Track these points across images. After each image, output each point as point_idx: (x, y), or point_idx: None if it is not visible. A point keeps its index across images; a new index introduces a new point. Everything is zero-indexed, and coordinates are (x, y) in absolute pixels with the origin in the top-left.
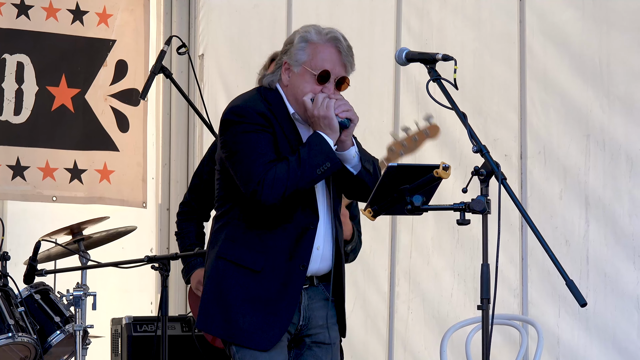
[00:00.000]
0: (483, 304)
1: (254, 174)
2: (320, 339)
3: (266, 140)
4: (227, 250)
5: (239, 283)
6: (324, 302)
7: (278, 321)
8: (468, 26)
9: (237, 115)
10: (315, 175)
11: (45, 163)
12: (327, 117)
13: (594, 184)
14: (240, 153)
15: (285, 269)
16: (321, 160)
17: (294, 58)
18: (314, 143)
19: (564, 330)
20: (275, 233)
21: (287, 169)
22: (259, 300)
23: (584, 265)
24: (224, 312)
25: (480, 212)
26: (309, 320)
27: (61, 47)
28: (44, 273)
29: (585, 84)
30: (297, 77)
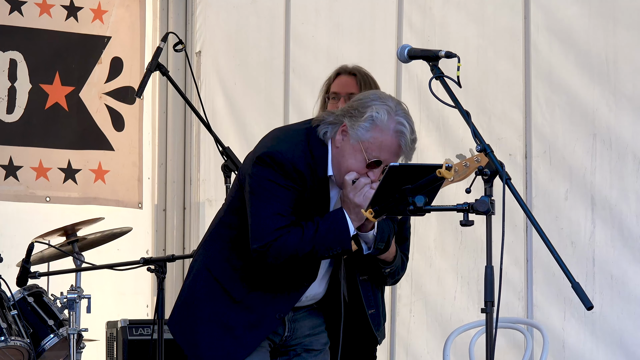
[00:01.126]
0: (487, 307)
1: (266, 234)
2: (309, 346)
3: (291, 199)
4: (216, 266)
5: (213, 305)
6: (309, 312)
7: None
8: (471, 22)
9: (275, 164)
10: (323, 255)
11: (39, 163)
12: (359, 205)
13: (600, 184)
14: (261, 201)
15: (261, 311)
16: (335, 244)
17: (355, 130)
18: (335, 223)
19: (569, 334)
20: (266, 276)
21: (299, 241)
22: (228, 328)
23: (590, 267)
24: (190, 326)
25: (484, 213)
26: (294, 331)
27: (55, 44)
28: (38, 275)
29: (592, 82)
30: (350, 148)
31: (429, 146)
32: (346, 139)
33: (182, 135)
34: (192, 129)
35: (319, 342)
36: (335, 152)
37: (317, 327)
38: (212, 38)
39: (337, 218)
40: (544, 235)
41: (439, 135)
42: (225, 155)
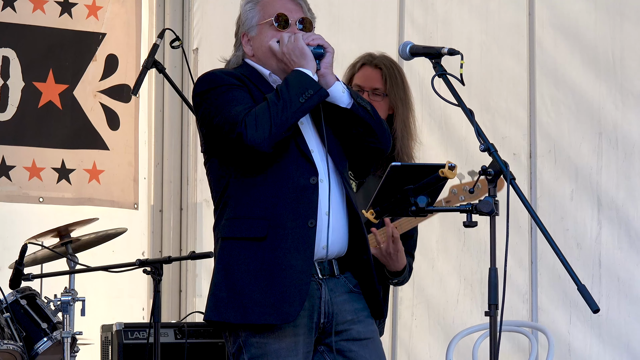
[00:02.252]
0: (491, 310)
1: (234, 118)
2: (353, 335)
3: (242, 94)
4: (227, 229)
5: (245, 258)
6: (348, 295)
7: (293, 292)
8: (475, 18)
9: (205, 82)
10: (299, 104)
11: (32, 162)
12: (296, 47)
13: (606, 184)
14: (217, 114)
15: (291, 229)
16: (302, 89)
17: (248, 24)
18: (290, 77)
19: (575, 338)
20: (272, 195)
21: (267, 105)
22: (269, 270)
23: (596, 269)
24: (232, 292)
25: (487, 214)
26: (333, 316)
27: (48, 40)
28: (31, 277)
29: (598, 79)
30: (258, 38)
31: (431, 145)
32: (252, 40)
33: (178, 134)
34: (189, 127)
35: (367, 329)
36: (256, 59)
37: (361, 312)
38: (210, 34)
39: (290, 74)
40: (549, 237)
41: (442, 134)
42: None
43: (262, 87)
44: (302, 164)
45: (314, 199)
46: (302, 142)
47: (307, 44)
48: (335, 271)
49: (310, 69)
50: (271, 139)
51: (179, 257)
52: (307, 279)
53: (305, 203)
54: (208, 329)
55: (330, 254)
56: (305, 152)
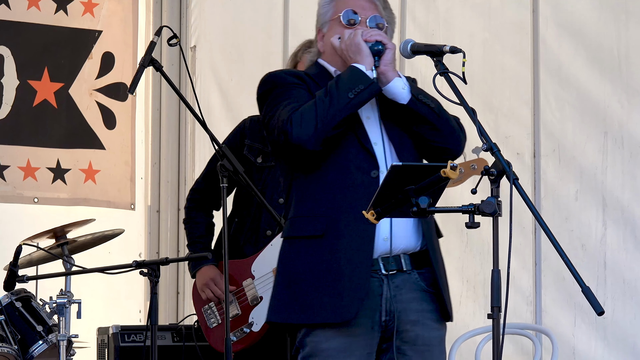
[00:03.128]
0: (494, 312)
1: (284, 118)
2: (412, 338)
3: (299, 93)
4: (288, 229)
5: (302, 256)
6: (418, 294)
7: (351, 290)
8: (477, 16)
9: (265, 84)
10: (347, 99)
11: (27, 162)
12: (353, 43)
13: (612, 184)
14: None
15: (349, 225)
16: (352, 84)
17: (322, 20)
18: (343, 73)
19: (580, 340)
20: (330, 191)
21: (313, 102)
22: (327, 269)
23: (601, 270)
24: (292, 292)
25: (490, 215)
26: (397, 315)
27: (43, 38)
28: (26, 279)
29: (603, 78)
30: (328, 34)
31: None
32: (324, 36)
33: (176, 134)
34: (186, 126)
35: (428, 335)
36: (325, 57)
37: (427, 314)
38: (208, 32)
39: (345, 71)
40: (553, 238)
41: None
42: (222, 154)
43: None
44: (363, 158)
45: (374, 193)
46: (363, 135)
47: (365, 40)
48: (404, 266)
49: (365, 64)
50: (317, 136)
51: (176, 259)
52: (366, 277)
53: (365, 198)
54: None
55: (395, 249)
56: (366, 146)
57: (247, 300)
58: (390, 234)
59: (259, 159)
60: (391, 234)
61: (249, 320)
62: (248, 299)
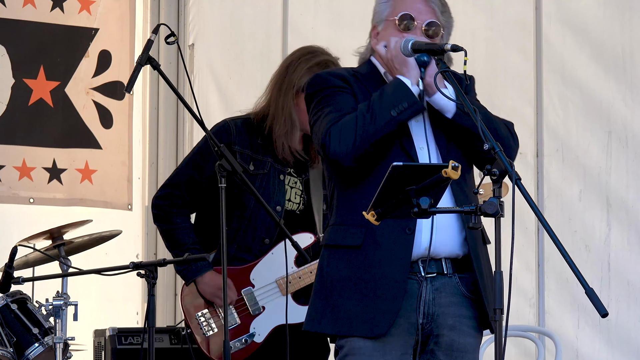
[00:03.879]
0: (496, 314)
1: (324, 127)
2: (447, 343)
3: (343, 99)
4: (328, 236)
5: (339, 266)
6: (457, 299)
7: (387, 302)
8: (479, 13)
9: (311, 86)
10: (389, 117)
11: (22, 162)
12: (398, 54)
13: (616, 184)
14: (316, 121)
15: (388, 236)
16: (396, 101)
17: (378, 17)
18: (387, 86)
19: (583, 343)
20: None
21: (354, 116)
22: (363, 280)
23: (605, 272)
24: (326, 302)
25: (492, 215)
26: (434, 318)
27: (39, 36)
28: (21, 281)
29: (607, 76)
30: (382, 34)
31: None
32: (379, 34)
33: (174, 133)
34: (184, 126)
35: (464, 341)
36: (377, 56)
37: (465, 320)
38: (206, 30)
39: (389, 82)
40: (556, 239)
41: None
42: (220, 155)
43: (377, 88)
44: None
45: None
46: (407, 141)
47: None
48: (445, 270)
49: (410, 77)
50: (354, 153)
51: (174, 260)
52: (401, 290)
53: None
54: None
55: (436, 254)
56: (409, 153)
57: (248, 310)
58: (430, 242)
59: (251, 166)
60: (431, 242)
61: (250, 331)
62: (249, 309)
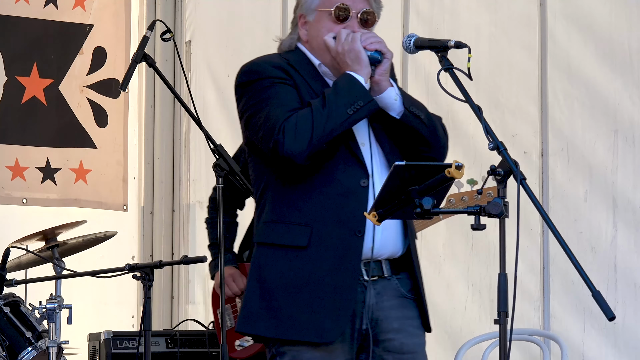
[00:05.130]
0: (500, 317)
1: (273, 122)
2: (395, 347)
3: (286, 91)
4: (265, 234)
5: (282, 267)
6: (399, 301)
7: (337, 307)
8: (483, 9)
9: (248, 74)
10: (346, 116)
11: (15, 161)
12: (352, 49)
13: (622, 185)
14: (257, 112)
15: (337, 238)
16: (351, 99)
17: (307, 7)
18: (341, 82)
19: (589, 347)
20: (316, 200)
21: (310, 113)
22: (309, 283)
23: (611, 274)
24: (268, 304)
25: (497, 216)
26: (378, 322)
27: (32, 33)
28: (14, 283)
29: (614, 74)
30: (314, 25)
31: None
32: (308, 25)
33: (170, 132)
34: (181, 125)
35: (411, 342)
36: (308, 45)
37: (409, 321)
38: (203, 26)
39: (341, 78)
40: (562, 240)
41: (448, 131)
42: (217, 154)
43: (311, 78)
44: (352, 165)
45: (363, 203)
46: (351, 138)
47: (365, 47)
48: (385, 272)
49: (363, 75)
50: (310, 151)
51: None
52: (352, 297)
53: (353, 209)
54: (201, 338)
55: (379, 256)
56: (355, 152)
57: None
58: (373, 241)
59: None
60: (374, 241)
61: None
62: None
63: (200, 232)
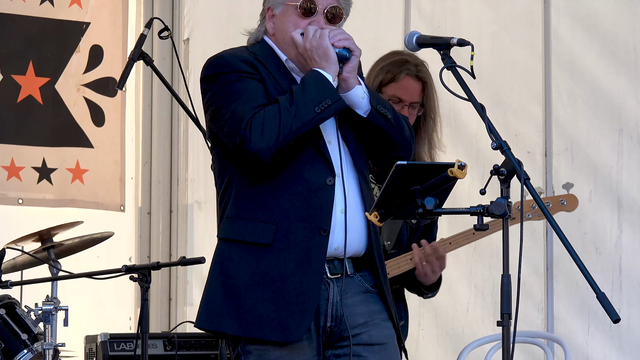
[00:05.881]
0: (503, 319)
1: (240, 118)
2: (364, 340)
3: (253, 86)
4: (229, 230)
5: (246, 264)
6: (363, 296)
7: (301, 306)
8: (486, 7)
9: (215, 67)
10: (314, 114)
11: (10, 161)
12: (320, 46)
13: (627, 185)
14: (223, 107)
15: (301, 237)
16: (319, 97)
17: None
18: (309, 80)
19: (594, 349)
20: (282, 197)
21: (277, 110)
22: (274, 281)
23: (616, 275)
24: (230, 301)
25: (500, 217)
26: (342, 319)
27: (28, 30)
28: (9, 285)
29: (618, 72)
30: (281, 18)
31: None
32: (275, 18)
33: (168, 131)
34: (179, 124)
35: (381, 334)
36: (275, 39)
37: (377, 315)
38: (202, 24)
39: (309, 75)
40: (566, 241)
41: (451, 130)
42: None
43: (277, 73)
44: (318, 163)
45: (329, 202)
46: (318, 136)
47: (333, 44)
48: (348, 270)
49: (331, 72)
50: (276, 148)
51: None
52: (316, 295)
53: (319, 207)
54: (199, 340)
55: (345, 254)
56: (322, 150)
57: None
58: (345, 240)
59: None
60: (346, 240)
61: None
62: None
63: (198, 233)
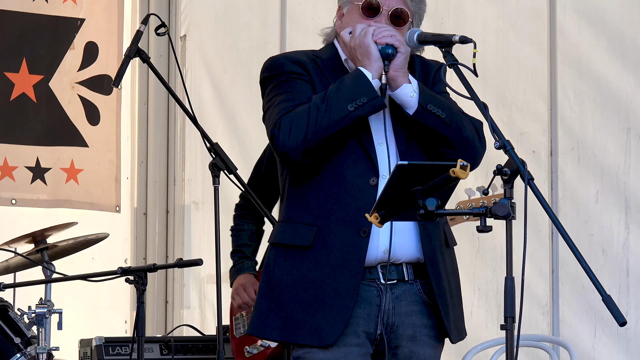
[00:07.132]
0: (507, 323)
1: (274, 119)
2: (405, 354)
3: (299, 87)
4: (276, 234)
5: (287, 268)
6: (417, 307)
7: (335, 308)
8: (490, 2)
9: (265, 69)
10: (346, 112)
11: (3, 161)
12: (362, 44)
13: (635, 185)
14: (268, 108)
15: (341, 238)
16: (354, 94)
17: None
18: (347, 78)
19: (600, 353)
20: (323, 198)
21: (308, 107)
22: (311, 284)
23: (623, 278)
24: (273, 305)
25: (504, 218)
26: (394, 328)
27: (21, 27)
28: (2, 287)
29: (625, 69)
30: (346, 17)
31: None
32: (343, 16)
33: (164, 130)
34: (176, 122)
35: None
36: (342, 41)
37: (424, 329)
38: (199, 20)
39: (350, 74)
40: (572, 243)
41: None
42: (214, 152)
43: (333, 74)
44: (362, 163)
45: (370, 203)
46: (366, 137)
47: (376, 41)
48: (406, 276)
49: (372, 70)
50: (304, 147)
51: (165, 265)
52: (352, 299)
53: (359, 208)
54: (196, 344)
55: (396, 259)
56: (367, 149)
57: None
58: (390, 244)
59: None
60: (391, 244)
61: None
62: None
63: (195, 234)
